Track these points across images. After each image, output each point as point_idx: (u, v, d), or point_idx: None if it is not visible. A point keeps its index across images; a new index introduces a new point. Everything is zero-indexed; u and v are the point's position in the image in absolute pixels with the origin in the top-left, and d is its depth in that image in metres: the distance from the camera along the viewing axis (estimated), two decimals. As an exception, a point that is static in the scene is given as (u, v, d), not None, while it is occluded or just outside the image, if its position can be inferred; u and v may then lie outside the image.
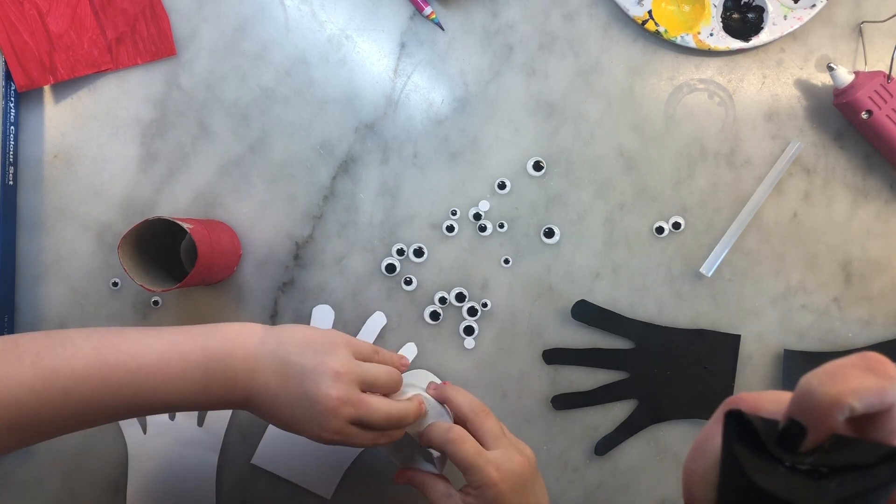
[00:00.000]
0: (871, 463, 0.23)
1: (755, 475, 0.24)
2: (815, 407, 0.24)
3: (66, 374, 0.42)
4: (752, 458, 0.24)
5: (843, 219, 0.62)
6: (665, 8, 0.62)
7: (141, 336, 0.45)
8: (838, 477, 0.23)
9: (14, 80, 0.62)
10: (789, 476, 0.24)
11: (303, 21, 0.64)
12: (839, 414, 0.24)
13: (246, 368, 0.46)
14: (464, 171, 0.63)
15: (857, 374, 0.24)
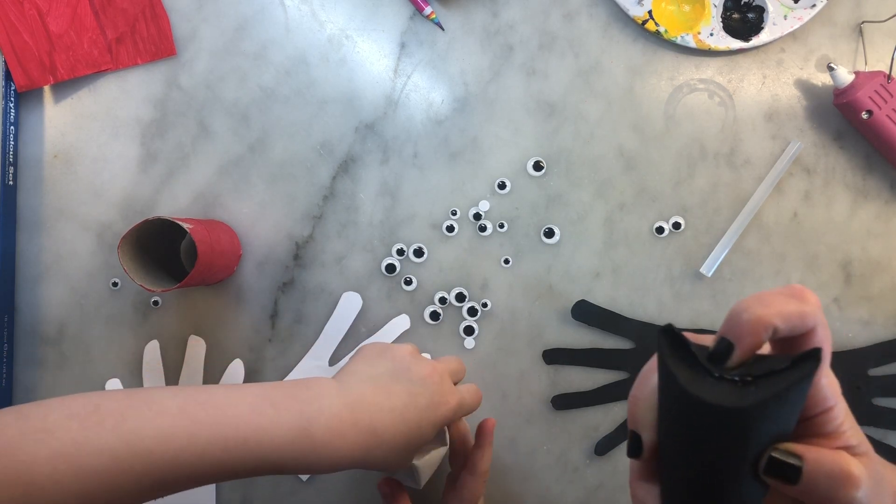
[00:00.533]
0: (785, 367, 0.26)
1: (687, 384, 0.27)
2: (743, 326, 0.27)
3: (150, 436, 0.37)
4: (684, 370, 0.28)
5: (843, 219, 0.62)
6: (665, 8, 0.62)
7: (228, 390, 0.41)
8: (759, 382, 0.26)
9: (14, 80, 0.62)
10: (717, 384, 0.27)
11: (303, 21, 0.64)
12: (764, 332, 0.27)
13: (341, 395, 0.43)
14: (464, 171, 0.63)
15: (782, 300, 0.27)
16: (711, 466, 0.28)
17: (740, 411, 0.26)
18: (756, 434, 0.27)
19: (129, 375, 0.64)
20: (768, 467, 0.27)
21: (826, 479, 0.27)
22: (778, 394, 0.26)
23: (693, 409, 0.27)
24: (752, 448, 0.27)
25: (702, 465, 0.28)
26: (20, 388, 0.64)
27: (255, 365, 0.64)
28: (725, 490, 0.28)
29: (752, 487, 0.28)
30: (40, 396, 0.64)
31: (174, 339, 0.64)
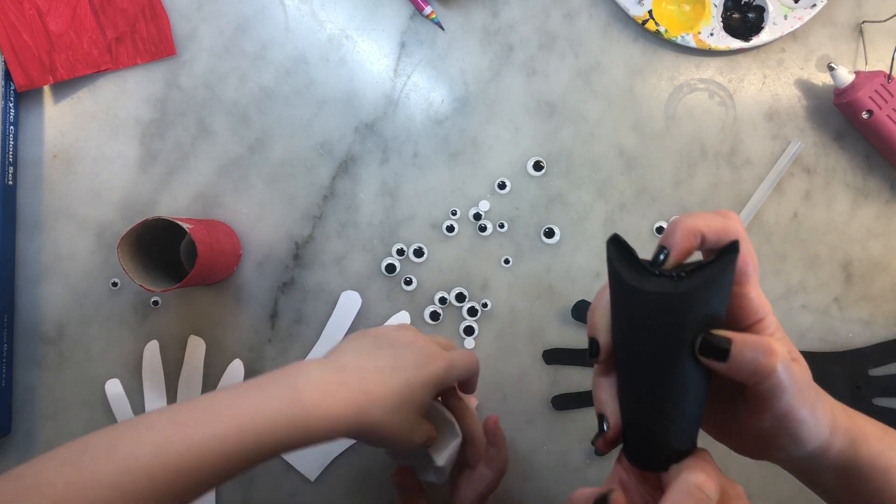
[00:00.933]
0: (711, 260, 0.32)
1: (632, 280, 0.32)
2: (676, 234, 0.32)
3: (145, 452, 0.37)
4: (629, 271, 0.33)
5: (843, 219, 0.62)
6: (665, 7, 0.62)
7: (213, 392, 0.41)
8: (691, 275, 0.31)
9: (14, 79, 0.62)
10: (656, 279, 0.32)
11: (303, 21, 0.64)
12: (693, 238, 0.32)
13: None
14: (464, 171, 0.63)
15: (709, 215, 0.33)
16: (656, 349, 0.32)
17: (675, 295, 0.31)
18: (691, 316, 0.31)
19: (128, 375, 0.64)
20: (702, 348, 0.31)
21: (751, 353, 0.31)
22: (707, 279, 0.31)
23: (637, 300, 0.32)
24: (689, 329, 0.32)
25: (648, 350, 0.33)
26: (20, 388, 0.64)
27: (255, 365, 0.64)
28: (668, 369, 0.32)
29: (692, 371, 0.32)
30: (40, 396, 0.64)
31: (174, 339, 0.64)
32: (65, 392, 0.64)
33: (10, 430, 0.64)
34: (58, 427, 0.64)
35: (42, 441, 0.64)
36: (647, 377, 0.33)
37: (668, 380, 0.33)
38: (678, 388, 0.33)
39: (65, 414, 0.64)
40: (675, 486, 0.32)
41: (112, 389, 0.64)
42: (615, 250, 0.33)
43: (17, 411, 0.64)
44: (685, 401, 0.33)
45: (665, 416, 0.33)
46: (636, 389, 0.34)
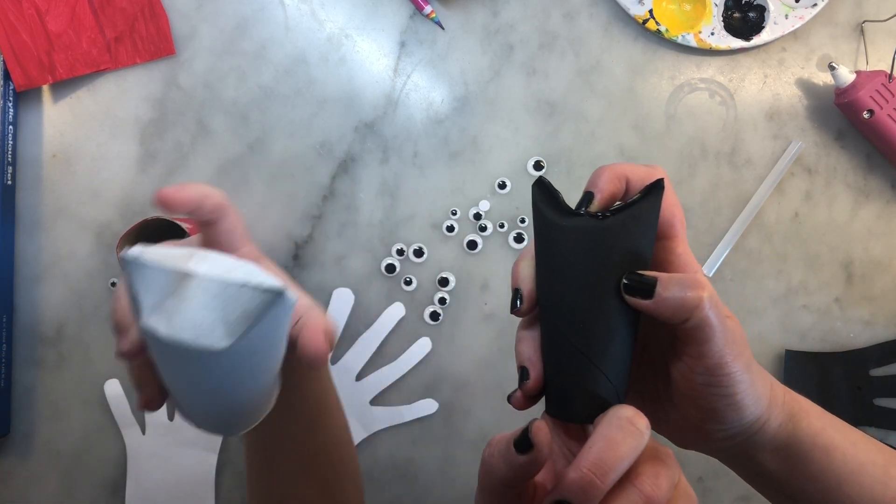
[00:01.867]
0: (636, 198, 0.32)
1: (557, 219, 0.32)
2: (602, 176, 0.33)
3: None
4: (553, 211, 0.33)
5: (844, 219, 0.62)
6: (666, 7, 0.62)
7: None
8: (616, 213, 0.31)
9: (13, 79, 0.62)
10: (581, 218, 0.32)
11: (302, 20, 0.64)
12: (618, 181, 0.33)
13: None
14: (464, 171, 0.63)
15: (635, 165, 0.33)
16: (581, 289, 0.32)
17: (600, 229, 0.31)
18: (616, 252, 0.31)
19: (128, 376, 0.64)
20: (627, 286, 0.31)
21: (677, 288, 0.30)
22: (631, 215, 0.31)
23: (562, 237, 0.32)
24: (614, 267, 0.31)
25: (573, 291, 0.32)
26: (19, 388, 0.64)
27: (254, 365, 0.64)
28: (594, 310, 0.31)
29: (618, 312, 0.32)
30: (39, 396, 0.64)
31: (173, 339, 0.64)
32: (64, 392, 0.64)
33: (9, 431, 0.64)
34: (57, 427, 0.64)
35: (41, 441, 0.64)
36: (573, 320, 0.32)
37: (594, 321, 0.32)
38: (604, 330, 0.32)
39: (64, 414, 0.64)
40: (604, 421, 0.29)
41: (111, 390, 0.64)
42: (540, 193, 0.33)
43: (16, 411, 0.64)
44: (612, 343, 0.32)
45: (591, 362, 0.32)
46: (561, 335, 0.32)
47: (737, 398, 0.31)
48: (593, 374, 0.32)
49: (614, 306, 0.31)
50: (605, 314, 0.31)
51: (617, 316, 0.32)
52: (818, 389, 0.61)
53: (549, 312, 0.33)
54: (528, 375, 0.33)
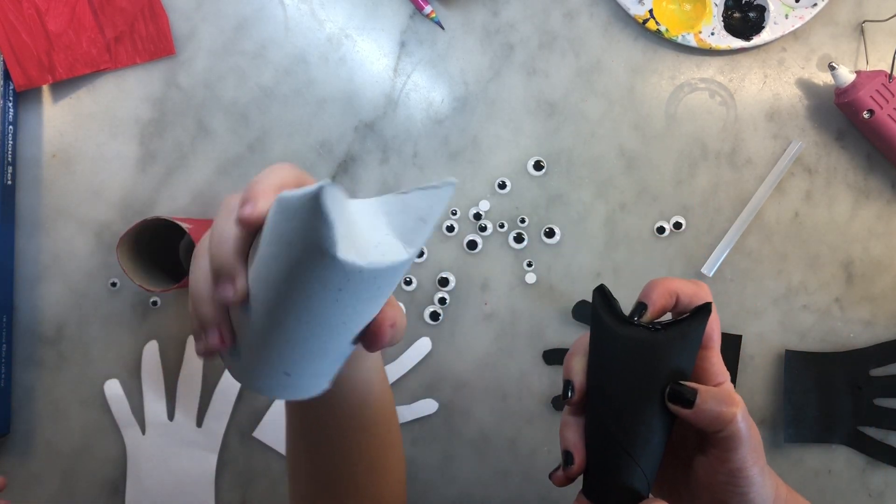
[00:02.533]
0: (686, 317, 0.36)
1: (613, 326, 0.36)
2: (654, 291, 0.37)
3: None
4: (611, 318, 0.37)
5: (844, 219, 0.62)
6: (666, 7, 0.62)
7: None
8: (666, 328, 0.36)
9: (13, 79, 0.62)
10: (636, 329, 0.36)
11: (302, 20, 0.64)
12: (669, 296, 0.37)
13: None
14: (464, 171, 0.63)
15: (684, 281, 0.38)
16: (629, 392, 0.36)
17: (654, 343, 0.36)
18: (664, 364, 0.35)
19: (127, 376, 0.64)
20: (671, 395, 0.36)
21: (714, 402, 0.35)
22: (681, 332, 0.36)
23: (618, 344, 0.36)
24: (661, 376, 0.36)
25: (622, 393, 0.36)
26: (19, 388, 0.64)
27: (254, 365, 0.64)
28: (639, 412, 0.36)
29: (659, 416, 0.36)
30: (39, 396, 0.64)
31: (173, 339, 0.64)
32: (64, 392, 0.64)
33: (9, 431, 0.64)
34: (57, 427, 0.64)
35: (41, 441, 0.64)
36: (619, 418, 0.36)
37: (638, 421, 0.36)
38: (646, 430, 0.36)
39: (64, 414, 0.64)
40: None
41: (111, 390, 0.64)
42: (600, 299, 0.38)
43: (16, 411, 0.64)
44: (651, 443, 0.36)
45: (631, 457, 0.36)
46: (606, 429, 0.37)
47: (750, 497, 0.36)
48: (631, 469, 0.36)
49: (657, 410, 0.36)
50: (648, 416, 0.36)
51: (658, 418, 0.36)
52: (818, 389, 0.61)
53: (596, 407, 0.37)
54: (572, 461, 0.39)
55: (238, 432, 0.64)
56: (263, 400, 0.63)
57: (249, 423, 0.64)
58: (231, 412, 0.63)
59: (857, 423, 0.61)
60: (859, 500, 0.62)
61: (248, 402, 0.64)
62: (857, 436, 0.61)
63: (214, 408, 0.63)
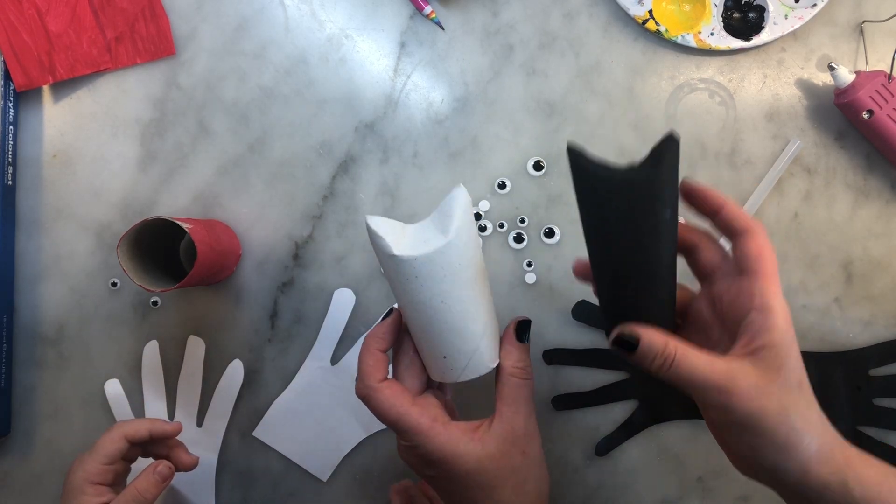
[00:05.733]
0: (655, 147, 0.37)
1: (599, 171, 0.37)
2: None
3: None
4: (593, 164, 0.37)
5: (844, 219, 0.62)
6: (665, 7, 0.62)
7: None
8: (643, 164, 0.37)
9: (13, 79, 0.62)
10: (619, 170, 0.37)
11: (302, 20, 0.64)
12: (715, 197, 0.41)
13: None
14: (464, 171, 0.63)
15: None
16: (629, 230, 0.38)
17: (642, 178, 0.36)
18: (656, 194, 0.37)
19: (128, 376, 0.64)
20: (615, 341, 0.40)
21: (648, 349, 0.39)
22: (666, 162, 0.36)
23: (608, 187, 0.37)
24: (656, 207, 0.37)
25: (622, 231, 0.38)
26: (19, 388, 0.64)
27: (254, 365, 0.64)
28: (643, 247, 0.38)
29: (664, 249, 0.39)
30: (40, 396, 0.64)
31: (174, 339, 0.64)
32: (64, 392, 0.64)
33: (9, 431, 0.64)
34: (57, 427, 0.64)
35: (42, 441, 0.64)
36: (626, 261, 0.39)
37: (645, 259, 0.39)
38: (655, 265, 0.39)
39: (64, 414, 0.64)
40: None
41: (111, 389, 0.64)
42: (576, 153, 0.38)
43: (16, 411, 0.64)
44: (659, 276, 0.40)
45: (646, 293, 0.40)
46: (615, 274, 0.40)
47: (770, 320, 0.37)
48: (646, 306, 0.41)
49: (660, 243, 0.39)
50: (653, 252, 0.39)
51: (663, 251, 0.39)
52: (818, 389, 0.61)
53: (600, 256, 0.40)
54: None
55: (238, 432, 0.64)
56: (264, 400, 0.63)
57: (250, 422, 0.64)
58: (231, 412, 0.63)
59: (857, 422, 0.61)
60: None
61: (249, 402, 0.64)
62: (856, 435, 0.61)
63: (215, 407, 0.63)
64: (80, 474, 0.51)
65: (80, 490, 0.51)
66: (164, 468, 0.53)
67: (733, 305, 0.40)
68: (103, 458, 0.52)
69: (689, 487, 0.63)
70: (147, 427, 0.54)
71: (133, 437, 0.53)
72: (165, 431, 0.55)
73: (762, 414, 0.34)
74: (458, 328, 0.44)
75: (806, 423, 0.35)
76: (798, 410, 0.36)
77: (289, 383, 0.63)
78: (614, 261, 0.40)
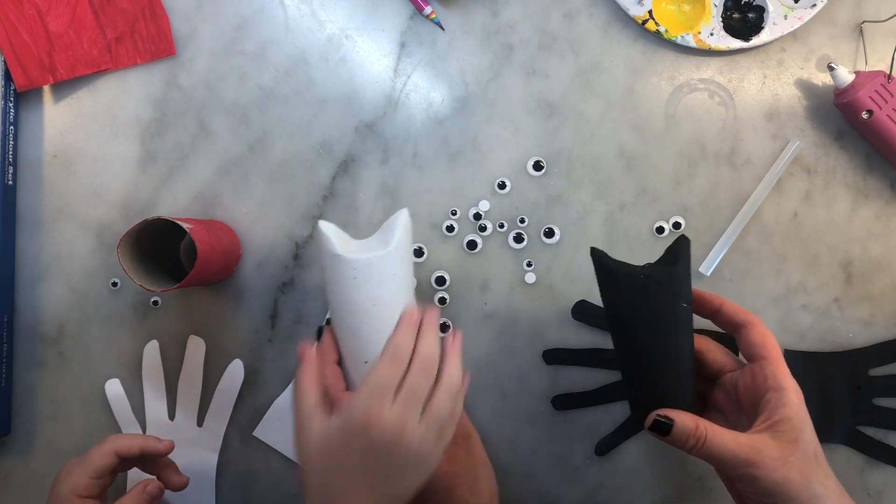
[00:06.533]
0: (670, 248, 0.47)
1: (622, 270, 0.45)
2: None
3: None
4: (617, 264, 0.45)
5: (843, 219, 0.62)
6: (665, 7, 0.62)
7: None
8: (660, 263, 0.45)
9: (13, 79, 0.62)
10: (640, 266, 0.45)
11: (302, 20, 0.64)
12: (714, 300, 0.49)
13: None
14: (464, 171, 0.63)
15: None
16: (649, 324, 0.44)
17: (670, 271, 0.44)
18: (685, 283, 0.44)
19: (128, 376, 0.64)
20: (652, 426, 0.46)
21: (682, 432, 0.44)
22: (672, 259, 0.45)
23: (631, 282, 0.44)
24: (684, 293, 0.44)
25: (643, 325, 0.44)
26: (20, 388, 0.64)
27: (255, 365, 0.64)
28: (663, 337, 0.43)
29: (683, 338, 0.45)
30: (40, 396, 0.64)
31: (174, 339, 0.64)
32: (65, 392, 0.64)
33: (9, 430, 0.64)
34: (58, 427, 0.64)
35: (42, 441, 0.64)
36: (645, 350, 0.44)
37: (665, 348, 0.43)
38: (675, 354, 0.43)
39: (65, 414, 0.64)
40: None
41: (112, 389, 0.64)
42: (599, 255, 0.44)
43: (17, 411, 0.64)
44: (682, 364, 0.44)
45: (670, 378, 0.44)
46: (637, 363, 0.45)
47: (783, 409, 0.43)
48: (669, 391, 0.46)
49: (679, 333, 0.45)
50: (672, 343, 0.44)
51: (683, 340, 0.45)
52: (818, 389, 0.61)
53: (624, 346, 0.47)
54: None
55: (239, 432, 0.64)
56: (264, 400, 0.64)
57: (250, 422, 0.64)
58: (232, 412, 0.63)
59: (856, 422, 0.61)
60: (858, 499, 0.62)
61: (249, 402, 0.64)
62: (856, 435, 0.61)
63: (215, 407, 0.63)
64: (68, 486, 0.51)
65: (69, 502, 0.51)
66: (153, 488, 0.53)
67: (749, 390, 0.44)
68: (93, 471, 0.52)
69: (689, 487, 0.63)
70: (139, 444, 0.54)
71: (125, 454, 0.53)
72: (157, 450, 0.55)
73: (787, 483, 0.38)
74: (384, 333, 0.46)
75: (826, 489, 0.39)
76: (818, 478, 0.39)
77: (289, 383, 0.64)
78: (640, 349, 0.45)
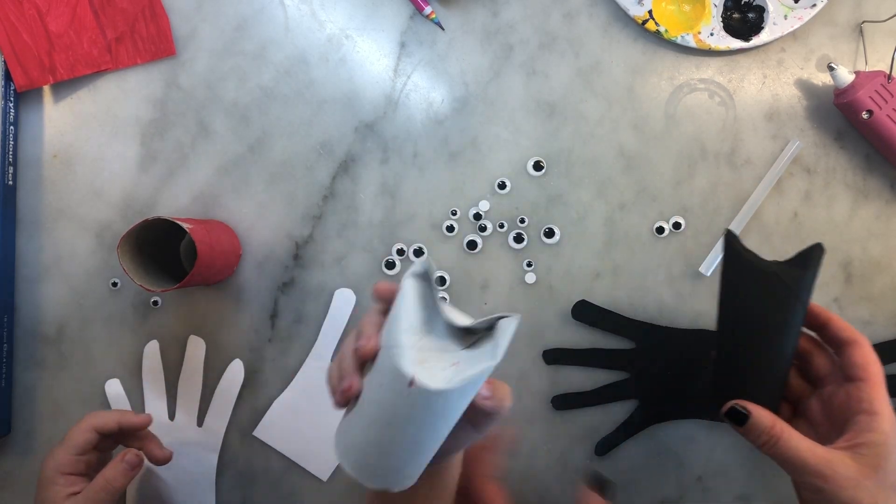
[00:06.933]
0: (803, 252, 0.45)
1: (750, 258, 0.44)
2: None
3: None
4: (747, 252, 0.45)
5: (843, 219, 0.62)
6: (665, 7, 0.62)
7: None
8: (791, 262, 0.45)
9: (14, 79, 0.62)
10: (767, 262, 0.44)
11: (302, 21, 0.64)
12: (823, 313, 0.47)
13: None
14: (464, 171, 0.63)
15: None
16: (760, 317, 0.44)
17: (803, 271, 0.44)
18: (805, 288, 0.44)
19: (128, 376, 0.64)
20: (727, 413, 0.45)
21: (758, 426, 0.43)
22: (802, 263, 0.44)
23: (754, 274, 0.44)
24: (803, 295, 0.44)
25: (754, 317, 0.44)
26: (20, 388, 0.64)
27: (255, 365, 0.64)
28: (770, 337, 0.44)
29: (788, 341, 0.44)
30: (40, 396, 0.64)
31: (174, 339, 0.64)
32: (65, 392, 0.64)
33: (9, 430, 0.64)
34: (58, 427, 0.64)
35: (42, 441, 0.64)
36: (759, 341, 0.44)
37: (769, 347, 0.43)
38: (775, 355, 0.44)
39: (65, 414, 0.64)
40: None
41: (112, 389, 0.64)
42: (732, 238, 0.44)
43: (17, 411, 0.64)
44: (784, 364, 0.45)
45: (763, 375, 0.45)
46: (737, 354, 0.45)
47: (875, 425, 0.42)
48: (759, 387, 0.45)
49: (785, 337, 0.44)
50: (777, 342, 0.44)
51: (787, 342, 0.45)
52: (817, 389, 0.61)
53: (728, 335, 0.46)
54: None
55: (239, 432, 0.64)
56: (264, 399, 0.64)
57: (250, 422, 0.64)
58: (231, 412, 0.63)
59: (856, 422, 0.61)
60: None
61: (249, 402, 0.64)
62: (856, 435, 0.61)
63: (215, 407, 0.63)
64: (51, 465, 0.52)
65: (52, 481, 0.51)
66: (132, 457, 0.53)
67: (843, 408, 0.44)
68: (73, 448, 0.52)
69: (689, 487, 0.63)
70: (116, 419, 0.54)
71: (102, 429, 0.53)
72: (133, 423, 0.55)
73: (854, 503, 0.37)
74: (410, 451, 0.38)
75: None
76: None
77: (289, 383, 0.64)
78: (743, 338, 0.45)
